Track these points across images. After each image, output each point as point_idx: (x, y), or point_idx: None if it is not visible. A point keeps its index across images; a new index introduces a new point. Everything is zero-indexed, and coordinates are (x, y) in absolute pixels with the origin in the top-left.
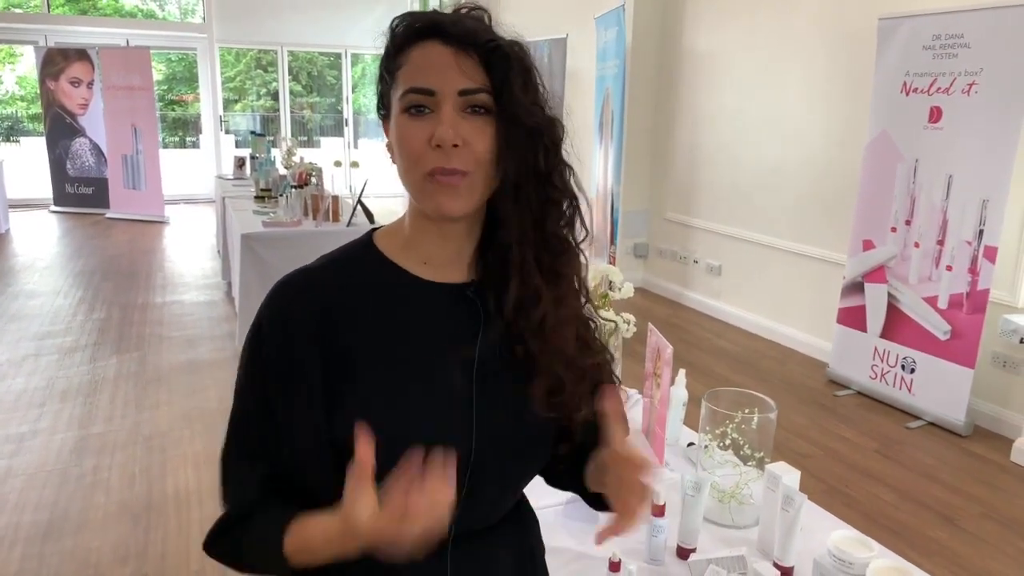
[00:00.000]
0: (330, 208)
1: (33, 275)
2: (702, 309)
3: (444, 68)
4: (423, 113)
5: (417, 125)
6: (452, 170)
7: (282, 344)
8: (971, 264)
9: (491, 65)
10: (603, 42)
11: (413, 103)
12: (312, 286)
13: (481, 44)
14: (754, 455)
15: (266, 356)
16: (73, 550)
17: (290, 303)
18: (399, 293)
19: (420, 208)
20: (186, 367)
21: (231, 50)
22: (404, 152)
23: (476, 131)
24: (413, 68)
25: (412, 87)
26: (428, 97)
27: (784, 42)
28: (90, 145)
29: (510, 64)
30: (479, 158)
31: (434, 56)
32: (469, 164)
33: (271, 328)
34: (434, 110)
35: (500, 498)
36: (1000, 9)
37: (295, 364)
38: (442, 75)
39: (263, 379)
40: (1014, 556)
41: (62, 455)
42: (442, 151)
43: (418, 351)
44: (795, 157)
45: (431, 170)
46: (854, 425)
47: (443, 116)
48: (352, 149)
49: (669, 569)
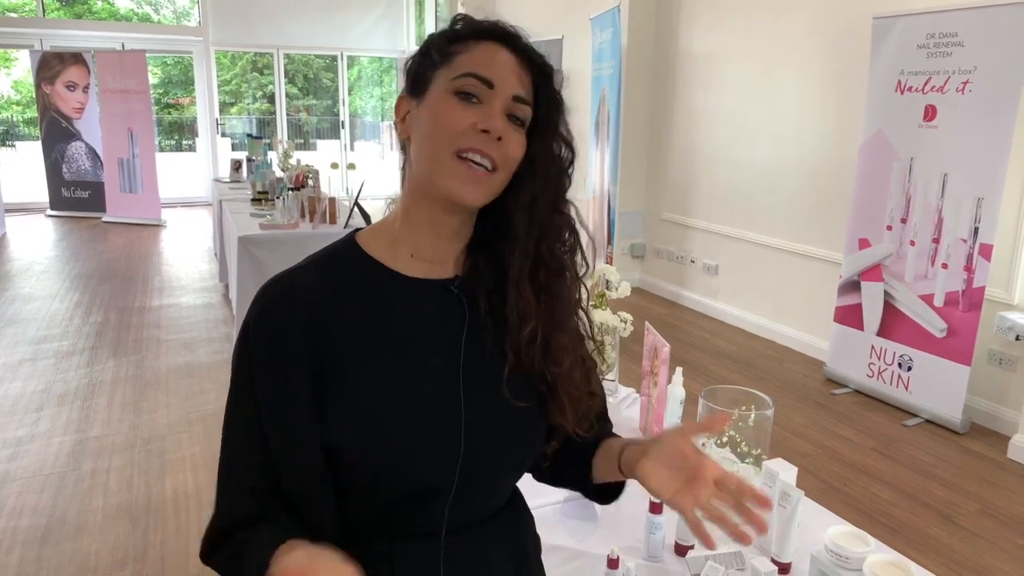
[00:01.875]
0: (327, 210)
1: (30, 279)
2: (699, 309)
3: (507, 70)
4: (471, 101)
5: (464, 109)
6: (487, 160)
7: (270, 347)
8: (966, 262)
9: (540, 87)
10: (599, 43)
11: (468, 87)
12: (298, 288)
13: (539, 66)
14: (751, 452)
15: (255, 360)
16: (72, 553)
17: (276, 306)
18: (384, 291)
19: (424, 196)
20: (184, 370)
21: (227, 53)
22: (440, 127)
23: (514, 136)
24: (477, 58)
25: (474, 72)
26: (486, 88)
27: (779, 42)
28: (86, 149)
29: (558, 94)
30: (508, 159)
31: (501, 57)
32: (501, 159)
33: (258, 331)
34: (483, 102)
35: (491, 491)
36: (993, 8)
37: (284, 366)
38: (504, 76)
39: (252, 383)
40: (1012, 552)
41: (60, 459)
42: (487, 137)
43: (405, 347)
44: (791, 156)
45: (467, 148)
46: (852, 423)
47: (493, 109)
48: (348, 151)
49: (667, 566)
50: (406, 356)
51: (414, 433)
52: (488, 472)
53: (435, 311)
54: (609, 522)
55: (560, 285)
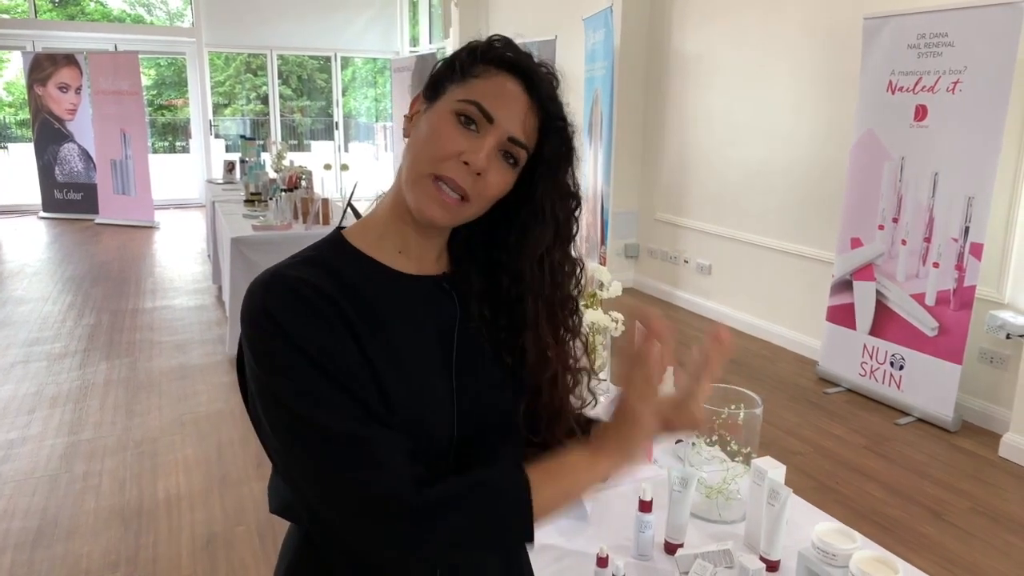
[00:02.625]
0: (320, 211)
1: (22, 281)
2: (693, 308)
3: (513, 109)
4: (469, 128)
5: (457, 133)
6: (458, 191)
7: (303, 310)
8: (957, 261)
9: (548, 134)
10: (592, 44)
11: (469, 113)
12: (298, 277)
13: (551, 114)
14: (741, 451)
15: (294, 328)
16: (63, 556)
17: (289, 282)
18: (376, 285)
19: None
20: (177, 372)
21: (220, 54)
22: (429, 146)
23: (499, 173)
24: (489, 88)
25: (479, 103)
26: (485, 121)
27: (771, 42)
28: (79, 151)
29: (568, 143)
30: (486, 195)
31: (512, 94)
32: (476, 194)
33: (284, 303)
34: (479, 133)
35: None
36: (983, 8)
37: (325, 321)
38: (508, 112)
39: (310, 346)
40: (1003, 550)
41: (52, 461)
42: (465, 169)
43: (398, 341)
44: (783, 157)
45: (443, 176)
46: (844, 422)
47: (485, 144)
48: (342, 152)
49: (657, 564)
50: (398, 348)
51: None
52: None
53: (427, 306)
54: (599, 521)
55: (574, 320)
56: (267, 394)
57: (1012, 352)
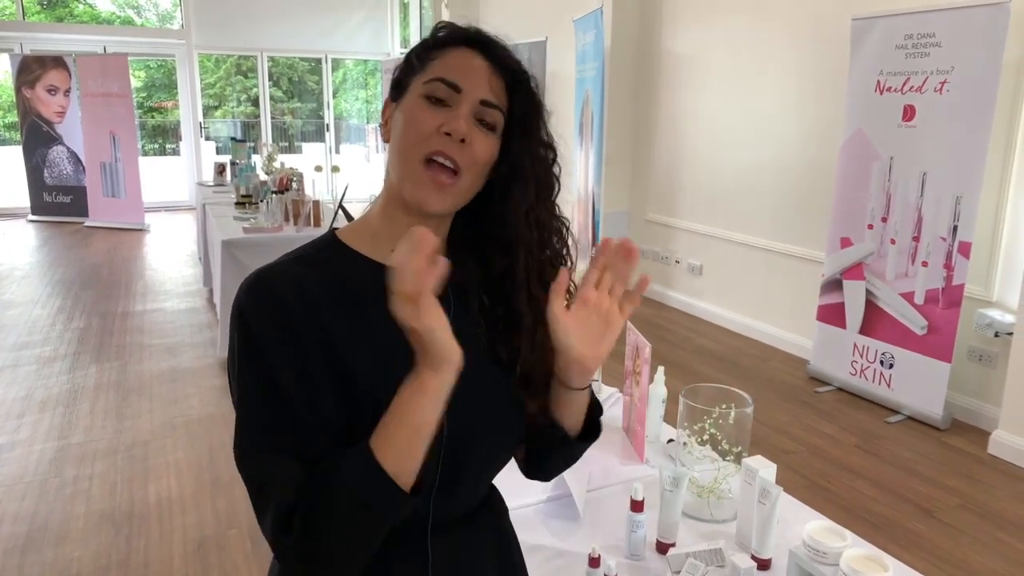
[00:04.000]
0: (311, 213)
1: (11, 285)
2: (684, 308)
3: (476, 75)
4: (440, 104)
5: (432, 111)
6: (449, 161)
7: (271, 319)
8: (946, 260)
9: (515, 92)
10: (582, 44)
11: (436, 92)
12: (286, 278)
13: (513, 71)
14: (732, 450)
15: (258, 335)
16: (54, 561)
17: (271, 286)
18: (370, 283)
19: (399, 196)
20: (168, 375)
21: (210, 56)
22: (410, 131)
23: (481, 140)
24: (448, 63)
25: (442, 77)
26: (453, 92)
27: (760, 43)
28: (68, 153)
29: (534, 97)
30: (476, 162)
31: (471, 61)
32: (466, 162)
33: (258, 308)
34: (452, 106)
35: (475, 483)
36: (969, 8)
37: (291, 334)
38: (472, 80)
39: (262, 359)
40: (991, 546)
41: (41, 466)
42: (449, 139)
43: (391, 338)
44: (773, 157)
45: (432, 152)
46: (835, 421)
47: (460, 112)
48: (333, 154)
49: (649, 564)
50: (392, 347)
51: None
52: (473, 460)
53: None
54: (590, 521)
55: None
56: (231, 386)
57: (1000, 350)
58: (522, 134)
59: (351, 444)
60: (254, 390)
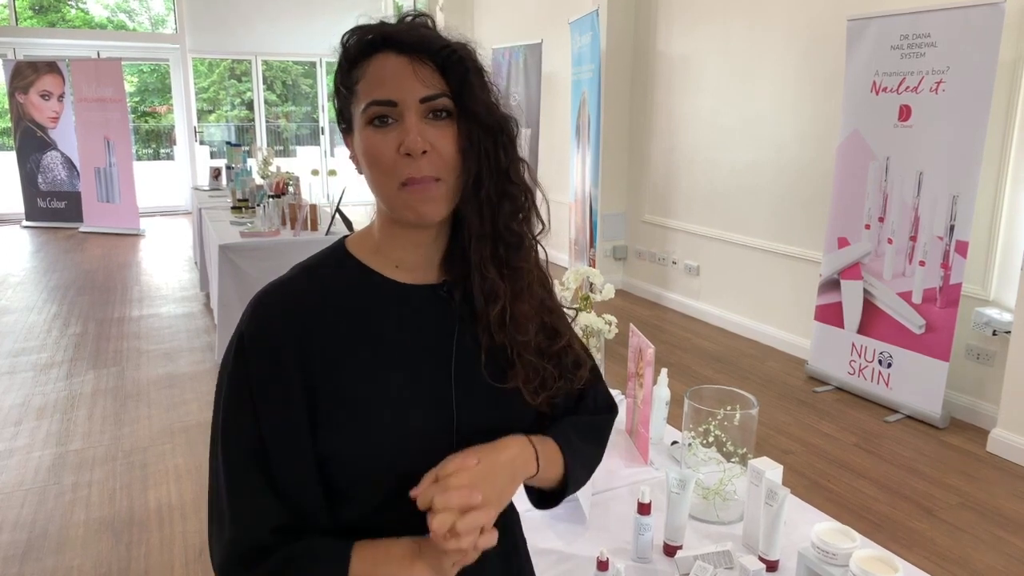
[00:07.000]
0: (308, 217)
1: (6, 291)
2: (682, 310)
3: (402, 78)
4: (387, 124)
5: (383, 136)
6: (424, 178)
7: (266, 358)
8: (943, 259)
9: (447, 69)
10: (578, 47)
11: (376, 115)
12: (291, 297)
13: (436, 51)
14: (737, 451)
15: (253, 374)
16: (54, 569)
17: (271, 317)
18: (376, 296)
19: (394, 217)
20: (165, 380)
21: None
22: (374, 164)
23: (441, 135)
24: (372, 81)
25: (373, 100)
26: (391, 108)
27: (756, 44)
28: (62, 159)
29: (465, 66)
30: (448, 162)
31: (391, 67)
32: (439, 169)
33: (253, 343)
34: (398, 120)
35: None
36: (965, 8)
37: (284, 378)
38: (401, 85)
39: (252, 398)
40: (991, 544)
41: (40, 473)
42: (412, 159)
43: (398, 352)
44: (770, 157)
45: (405, 180)
46: (834, 420)
47: (408, 125)
48: (329, 157)
49: (656, 567)
50: (399, 360)
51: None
52: None
53: (426, 316)
54: (598, 524)
55: (520, 256)
56: (216, 399)
57: (998, 348)
58: (464, 105)
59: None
60: (239, 420)
